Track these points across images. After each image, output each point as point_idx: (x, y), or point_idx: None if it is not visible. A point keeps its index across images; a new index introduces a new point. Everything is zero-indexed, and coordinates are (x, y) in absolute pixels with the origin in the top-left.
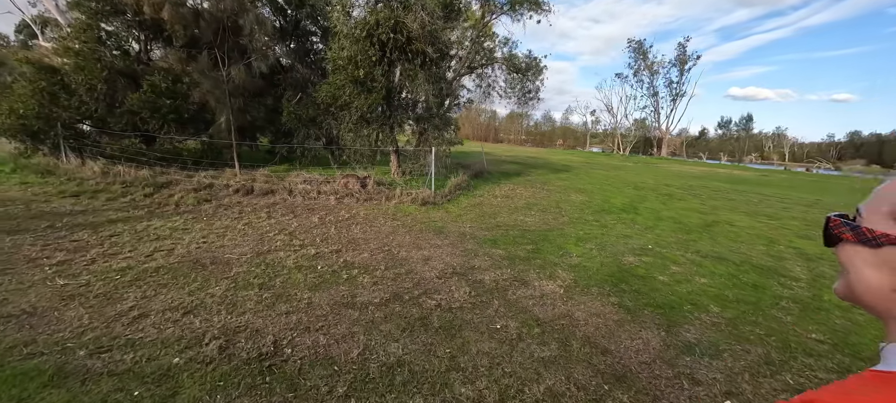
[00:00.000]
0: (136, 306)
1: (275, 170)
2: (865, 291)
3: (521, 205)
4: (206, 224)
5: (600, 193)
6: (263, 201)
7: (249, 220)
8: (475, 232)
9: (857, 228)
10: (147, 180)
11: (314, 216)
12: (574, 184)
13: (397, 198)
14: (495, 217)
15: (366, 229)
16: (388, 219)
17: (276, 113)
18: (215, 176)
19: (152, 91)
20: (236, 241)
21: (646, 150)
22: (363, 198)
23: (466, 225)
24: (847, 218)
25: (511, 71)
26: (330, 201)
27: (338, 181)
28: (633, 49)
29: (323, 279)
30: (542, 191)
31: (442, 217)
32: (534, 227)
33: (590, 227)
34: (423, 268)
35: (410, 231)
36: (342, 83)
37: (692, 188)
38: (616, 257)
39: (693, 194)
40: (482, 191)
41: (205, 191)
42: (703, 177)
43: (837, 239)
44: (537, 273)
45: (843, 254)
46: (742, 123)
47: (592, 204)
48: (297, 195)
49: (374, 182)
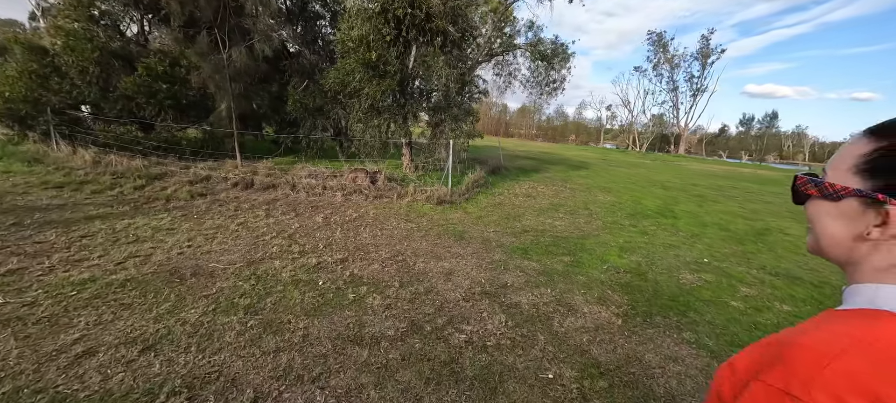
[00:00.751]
0: (85, 337)
1: (278, 162)
2: (829, 242)
3: (546, 206)
4: (196, 223)
5: (628, 193)
6: (263, 197)
7: (245, 220)
8: (501, 239)
9: (820, 183)
10: (140, 171)
11: (318, 215)
12: (597, 182)
13: (410, 195)
14: (520, 219)
15: (376, 232)
16: (401, 221)
17: (281, 101)
18: (214, 167)
19: (148, 74)
20: (226, 246)
21: (662, 147)
22: (373, 196)
23: (490, 230)
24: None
25: (535, 58)
26: (336, 198)
27: (345, 175)
28: (652, 41)
29: (324, 299)
30: (566, 190)
31: (461, 219)
32: (566, 233)
33: (629, 234)
34: (445, 286)
35: (427, 235)
36: (352, 67)
37: (722, 188)
38: (671, 273)
39: (726, 195)
40: (501, 189)
41: (201, 185)
42: (730, 177)
43: (805, 197)
44: (583, 294)
45: (810, 209)
46: (765, 121)
47: (623, 205)
48: (301, 190)
49: (385, 177)
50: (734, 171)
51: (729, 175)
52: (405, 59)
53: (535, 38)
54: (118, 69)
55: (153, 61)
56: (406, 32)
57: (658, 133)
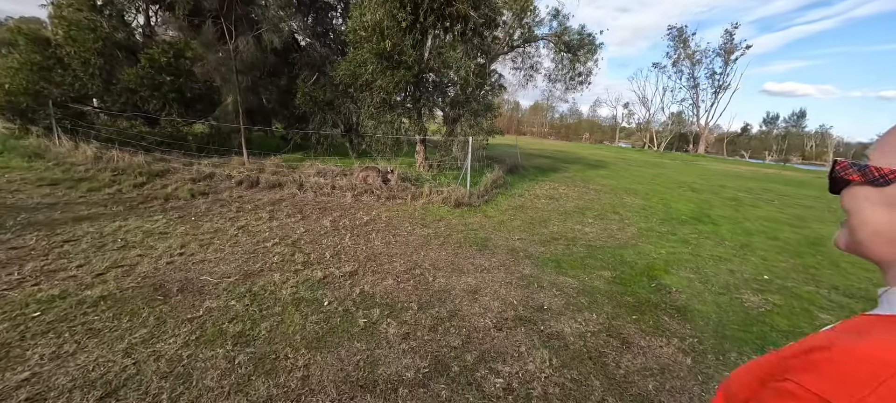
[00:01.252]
0: (35, 377)
1: (287, 159)
2: (870, 235)
3: (572, 209)
4: (193, 226)
5: (656, 196)
6: (268, 196)
7: (246, 223)
8: (528, 248)
9: (864, 167)
10: (141, 167)
11: (326, 218)
12: (620, 183)
13: (426, 197)
14: (546, 224)
15: (389, 239)
16: (416, 225)
17: (290, 95)
18: (219, 164)
19: (151, 66)
20: (223, 254)
21: (680, 147)
22: (385, 197)
23: (515, 237)
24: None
25: (560, 50)
26: (346, 199)
27: (356, 174)
28: (673, 36)
29: (330, 325)
30: (589, 192)
31: (482, 223)
32: (599, 241)
33: (670, 244)
34: (471, 309)
35: (445, 243)
36: (364, 58)
37: (753, 191)
38: (731, 294)
39: (760, 199)
40: (521, 190)
41: (203, 183)
42: (757, 178)
43: (844, 183)
44: (636, 322)
45: (849, 198)
46: (792, 120)
47: (654, 209)
48: (309, 190)
49: (398, 177)
50: (759, 172)
51: (755, 176)
52: (422, 48)
53: (561, 26)
54: (122, 61)
55: (156, 52)
56: (423, 18)
57: (676, 132)
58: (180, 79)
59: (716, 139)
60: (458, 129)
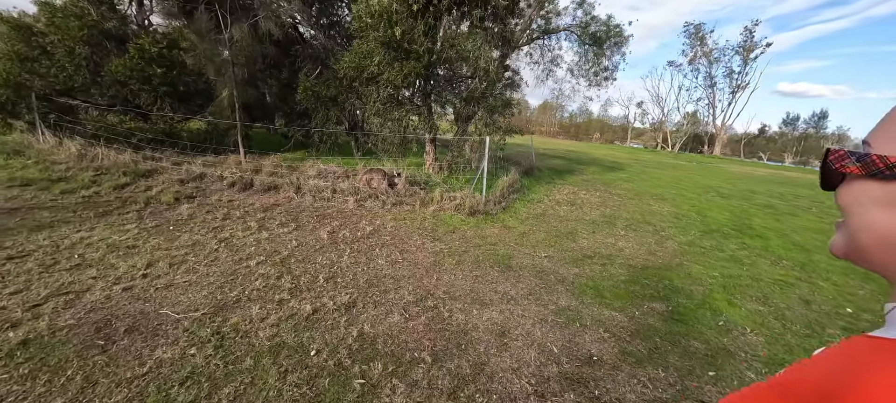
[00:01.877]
0: None
1: (287, 158)
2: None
3: (599, 219)
4: (167, 238)
5: (685, 202)
6: (262, 201)
7: (231, 234)
8: (559, 269)
9: (865, 158)
10: (127, 167)
11: (323, 229)
12: (643, 187)
13: (436, 203)
14: (574, 238)
15: (395, 257)
16: (427, 238)
17: (291, 89)
18: (214, 164)
19: (140, 57)
20: (195, 276)
21: (694, 148)
22: (391, 203)
23: (541, 254)
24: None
25: (584, 42)
26: (348, 204)
27: (359, 177)
28: (689, 34)
29: (316, 391)
30: (612, 197)
31: (501, 236)
32: (639, 260)
33: (721, 263)
34: (501, 361)
35: (462, 262)
36: (369, 49)
37: (785, 197)
38: (819, 336)
39: (797, 206)
40: (539, 195)
41: (192, 184)
42: (783, 182)
43: (839, 177)
44: (716, 381)
45: (846, 195)
46: (813, 121)
47: (687, 217)
48: (307, 194)
49: (405, 180)
50: (781, 175)
51: (780, 180)
52: (434, 36)
53: (587, 16)
54: (111, 51)
55: (146, 41)
56: (437, 0)
57: (691, 132)
58: (173, 71)
59: (730, 140)
60: (470, 128)
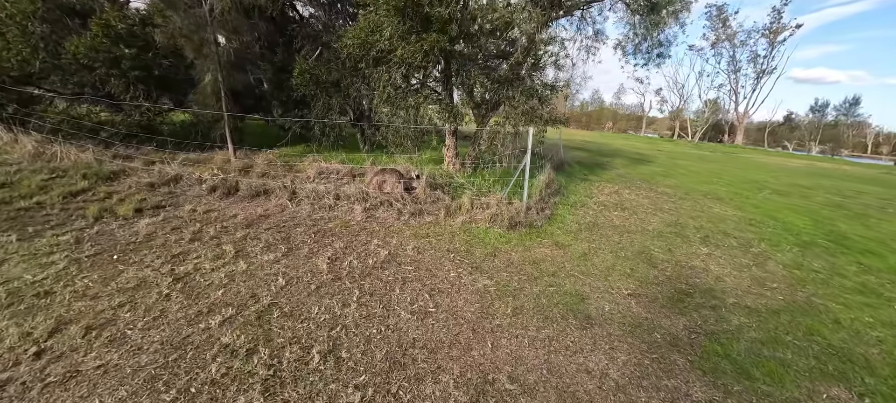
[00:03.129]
0: None
1: (284, 154)
2: None
3: (663, 228)
4: (103, 276)
5: (746, 202)
6: (246, 212)
7: (195, 267)
8: (658, 319)
9: None
10: (88, 168)
11: (322, 254)
12: (686, 183)
13: (466, 212)
14: (649, 258)
15: (423, 302)
16: (463, 267)
17: (287, 74)
18: (195, 162)
19: (105, 35)
20: (116, 355)
21: (714, 138)
22: (409, 212)
23: (621, 289)
24: None
25: (637, 11)
26: (354, 214)
27: (368, 179)
28: (711, 15)
29: None
30: (661, 197)
31: (557, 259)
32: (753, 296)
33: (857, 296)
34: None
35: (520, 310)
36: (379, 21)
37: (844, 193)
38: None
39: (868, 205)
40: (578, 196)
41: (164, 190)
42: (825, 175)
43: None
44: None
45: None
46: (844, 108)
47: (763, 224)
48: (304, 200)
49: (426, 183)
50: (816, 166)
51: (819, 172)
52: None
53: None
54: (72, 29)
55: (111, 16)
56: None
57: (712, 121)
58: (148, 53)
59: (750, 129)
60: (493, 119)
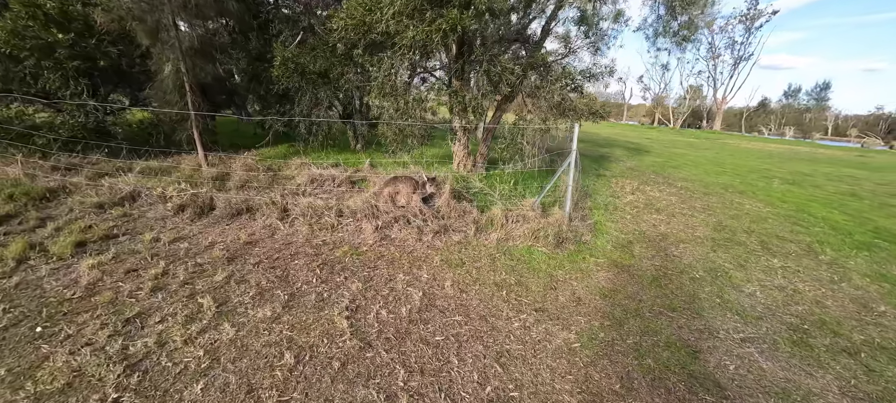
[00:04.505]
0: None
1: (264, 156)
2: None
3: (713, 234)
4: (11, 372)
5: (773, 195)
6: (226, 238)
7: (157, 341)
8: (791, 374)
9: None
10: (16, 186)
11: (336, 305)
12: (699, 175)
13: (499, 226)
14: (729, 280)
15: (494, 372)
16: (526, 310)
17: (265, 64)
18: (158, 171)
19: (30, 16)
20: None
21: (693, 124)
22: (432, 229)
23: (731, 332)
24: None
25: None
26: (364, 235)
27: (378, 189)
28: None
29: None
30: (683, 193)
31: (628, 287)
32: (870, 328)
33: None
34: None
35: (627, 376)
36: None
37: (842, 178)
38: None
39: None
40: (603, 196)
41: (116, 211)
42: (811, 160)
43: None
44: None
45: None
46: (815, 92)
47: (805, 223)
48: (298, 218)
49: (450, 194)
50: (797, 151)
51: (804, 157)
52: None
53: None
54: None
55: None
56: None
57: (692, 107)
58: (91, 39)
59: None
60: (520, 111)
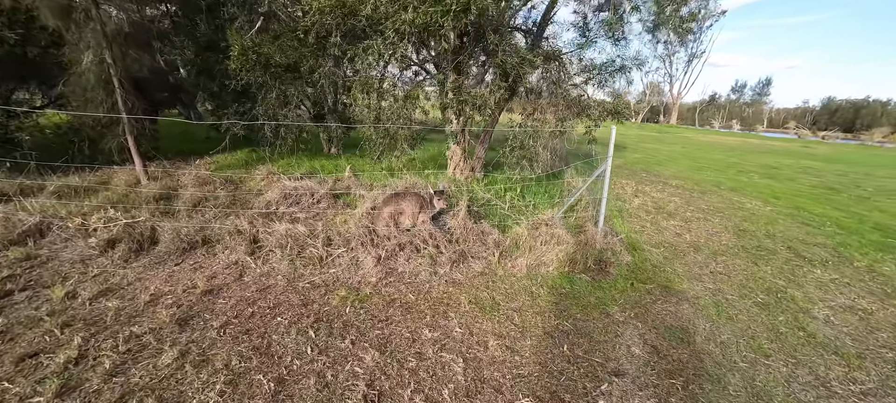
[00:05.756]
0: None
1: (222, 165)
2: None
3: (740, 242)
4: None
5: (758, 191)
6: (174, 285)
7: None
8: None
9: None
10: None
11: (350, 398)
12: (684, 172)
13: (528, 249)
14: (790, 300)
15: None
16: (603, 379)
17: (217, 54)
18: (79, 191)
19: None
20: None
21: (650, 119)
22: (448, 259)
23: (834, 376)
24: None
25: None
26: (364, 271)
27: (379, 212)
28: None
29: None
30: (681, 193)
31: (698, 325)
32: None
33: None
34: None
35: None
36: None
37: (806, 170)
38: None
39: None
40: (609, 200)
41: (16, 252)
42: (768, 151)
43: None
44: None
45: None
46: (758, 88)
47: (814, 224)
48: (274, 251)
49: (466, 215)
50: (749, 144)
51: (762, 149)
52: None
53: None
54: None
55: None
56: None
57: (651, 103)
58: None
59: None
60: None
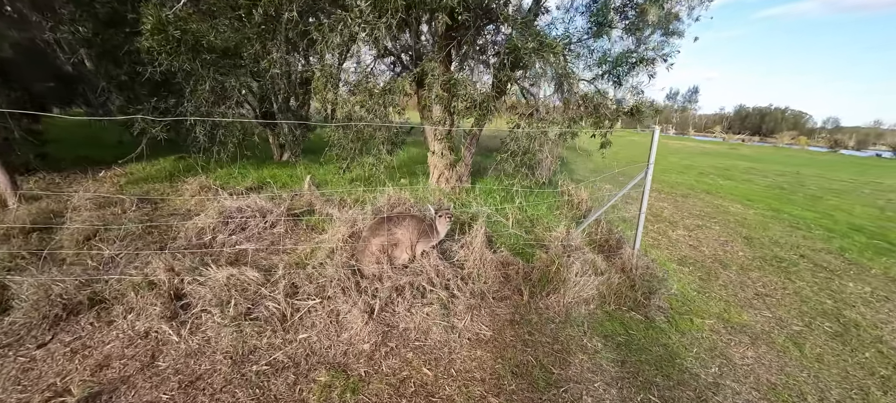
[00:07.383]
0: None
1: (137, 178)
2: None
3: (759, 253)
4: None
5: (729, 192)
6: (38, 384)
7: None
8: None
9: None
10: None
11: None
12: (666, 177)
13: (561, 282)
14: (854, 325)
15: None
16: None
17: (123, 31)
18: None
19: None
20: None
21: None
22: (464, 303)
23: None
24: None
25: None
26: (352, 333)
27: (362, 243)
28: None
29: None
30: (668, 199)
31: (790, 371)
32: None
33: None
34: None
35: None
36: None
37: (764, 173)
38: None
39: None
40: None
41: None
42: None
43: None
44: None
45: None
46: (688, 95)
47: (805, 228)
48: (209, 311)
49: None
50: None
51: (700, 151)
52: None
53: None
54: None
55: None
56: None
57: None
58: None
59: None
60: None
